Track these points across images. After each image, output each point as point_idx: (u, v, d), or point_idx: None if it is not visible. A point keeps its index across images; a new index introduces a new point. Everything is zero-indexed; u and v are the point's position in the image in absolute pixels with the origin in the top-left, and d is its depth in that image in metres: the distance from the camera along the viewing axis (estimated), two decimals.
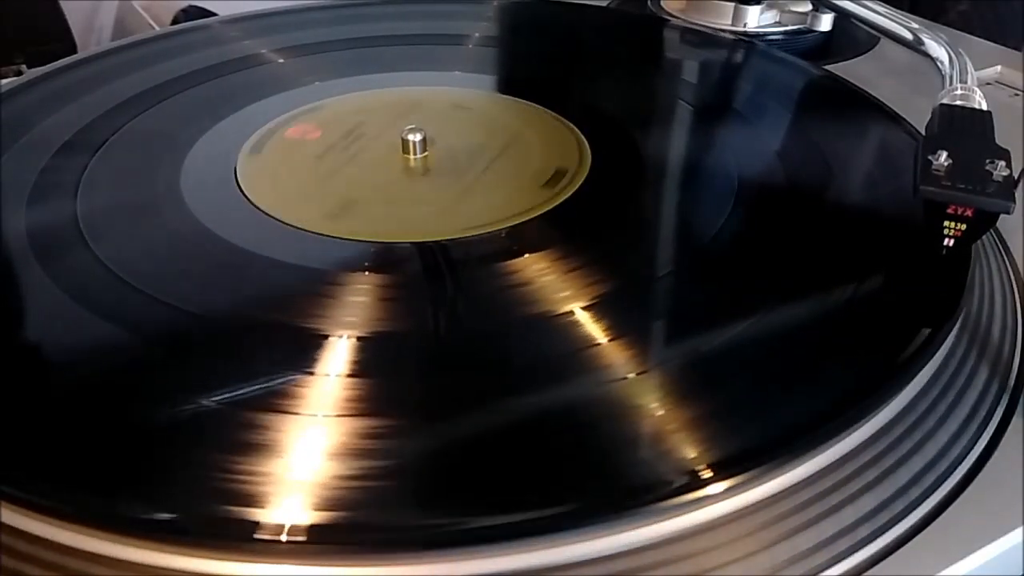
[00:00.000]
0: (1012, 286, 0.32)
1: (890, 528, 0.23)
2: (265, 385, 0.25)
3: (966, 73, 0.38)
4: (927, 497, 0.24)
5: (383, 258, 0.32)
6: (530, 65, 0.49)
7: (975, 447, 0.26)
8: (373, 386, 0.25)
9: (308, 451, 0.23)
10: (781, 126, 0.42)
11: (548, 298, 0.29)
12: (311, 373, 0.26)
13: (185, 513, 0.22)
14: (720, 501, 0.22)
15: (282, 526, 0.21)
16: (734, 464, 0.23)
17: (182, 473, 0.23)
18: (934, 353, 0.27)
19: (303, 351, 0.27)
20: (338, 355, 0.27)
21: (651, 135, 0.42)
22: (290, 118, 0.41)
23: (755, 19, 0.53)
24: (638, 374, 0.26)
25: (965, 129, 0.33)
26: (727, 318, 0.28)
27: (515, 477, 0.23)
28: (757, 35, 0.53)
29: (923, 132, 0.34)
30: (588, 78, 0.48)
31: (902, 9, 0.49)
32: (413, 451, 0.24)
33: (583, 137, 0.40)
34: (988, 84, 0.49)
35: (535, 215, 0.34)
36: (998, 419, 0.27)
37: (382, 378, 0.26)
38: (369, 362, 0.26)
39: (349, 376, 0.26)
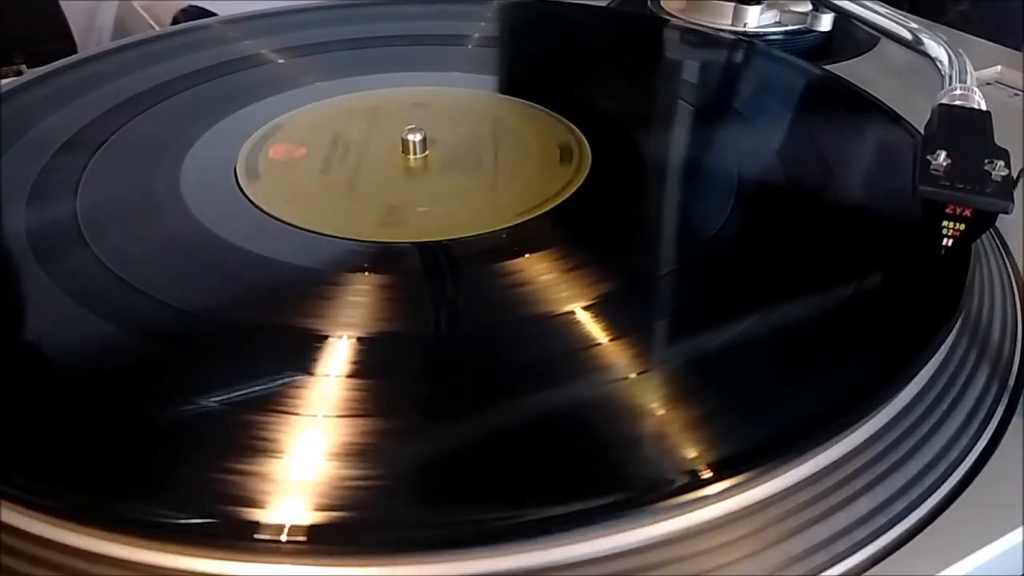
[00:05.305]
0: (1012, 286, 0.32)
1: (890, 528, 0.23)
2: (265, 385, 0.25)
3: (965, 73, 0.38)
4: (927, 497, 0.24)
5: (383, 258, 0.32)
6: (530, 65, 0.49)
7: (975, 447, 0.26)
8: (373, 386, 0.25)
9: (308, 451, 0.23)
10: (781, 126, 0.42)
11: (548, 298, 0.29)
12: (311, 374, 0.26)
13: (185, 513, 0.22)
14: (720, 501, 0.22)
15: (282, 526, 0.21)
16: (734, 464, 0.23)
17: (182, 473, 0.23)
18: (934, 353, 0.27)
19: (303, 351, 0.27)
20: (338, 355, 0.27)
21: (651, 135, 0.42)
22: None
23: (755, 19, 0.53)
24: (638, 374, 0.26)
25: (964, 129, 0.33)
26: (727, 318, 0.28)
27: (515, 477, 0.23)
28: (757, 35, 0.53)
29: (922, 132, 0.34)
30: (588, 78, 0.48)
31: (902, 9, 0.49)
32: (413, 451, 0.24)
33: (583, 137, 0.40)
34: (988, 84, 0.49)
35: (535, 215, 0.34)
36: (998, 419, 0.27)
37: (382, 378, 0.26)
38: (369, 362, 0.26)
39: (349, 376, 0.26)
